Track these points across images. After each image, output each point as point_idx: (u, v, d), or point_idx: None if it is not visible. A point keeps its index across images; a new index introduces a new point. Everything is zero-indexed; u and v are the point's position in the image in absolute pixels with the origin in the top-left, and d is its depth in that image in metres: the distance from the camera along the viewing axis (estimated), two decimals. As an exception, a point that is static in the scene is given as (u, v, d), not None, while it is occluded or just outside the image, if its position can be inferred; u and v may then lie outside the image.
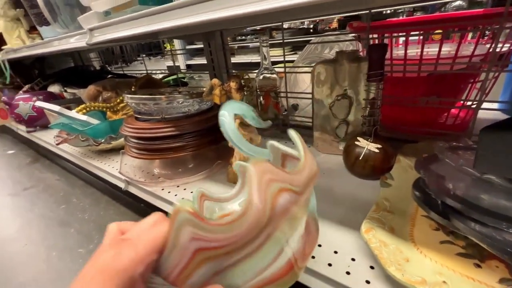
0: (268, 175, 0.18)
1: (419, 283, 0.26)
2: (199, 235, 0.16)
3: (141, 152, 0.56)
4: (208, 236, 0.16)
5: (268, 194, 0.17)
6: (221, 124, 0.28)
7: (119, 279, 0.15)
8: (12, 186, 1.00)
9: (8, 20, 0.88)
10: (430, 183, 0.33)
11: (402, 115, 0.60)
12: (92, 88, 0.86)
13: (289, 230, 0.20)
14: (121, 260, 0.15)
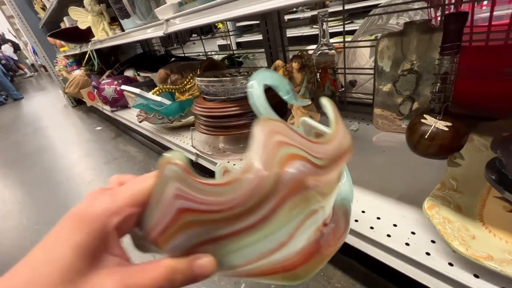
0: (279, 137, 0.15)
1: (484, 258, 0.27)
2: (186, 193, 0.14)
3: (209, 128, 0.64)
4: (196, 196, 0.14)
5: (276, 158, 0.14)
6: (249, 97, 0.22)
7: (88, 226, 0.13)
8: (105, 156, 1.23)
9: (94, 15, 1.02)
10: (509, 164, 0.32)
11: (481, 89, 0.54)
12: (162, 71, 0.97)
13: (304, 212, 0.16)
14: (95, 207, 0.14)
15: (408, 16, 0.69)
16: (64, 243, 0.13)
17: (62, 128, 1.85)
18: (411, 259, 0.32)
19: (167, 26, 0.58)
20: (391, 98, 0.55)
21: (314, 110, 0.51)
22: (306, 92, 0.49)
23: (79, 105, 2.32)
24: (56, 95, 3.06)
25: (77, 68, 1.84)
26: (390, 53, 0.52)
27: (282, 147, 0.14)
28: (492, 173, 0.33)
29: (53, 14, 1.57)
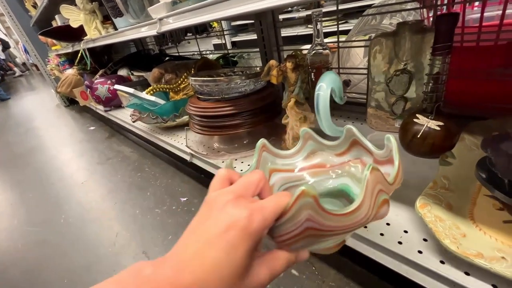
0: (379, 186, 0.22)
1: (474, 255, 0.28)
2: (314, 218, 0.19)
3: (204, 128, 0.63)
4: (320, 221, 0.20)
5: (376, 203, 0.22)
6: (316, 96, 0.28)
7: (252, 240, 0.18)
8: (98, 156, 1.21)
9: (87, 13, 1.01)
10: (498, 163, 0.32)
11: (472, 89, 0.55)
12: (156, 71, 0.96)
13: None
14: (254, 224, 0.18)
15: (401, 16, 0.70)
16: (239, 248, 0.17)
17: (54, 128, 1.82)
18: (404, 257, 0.32)
19: (160, 25, 0.58)
20: (384, 98, 0.56)
21: (309, 110, 0.51)
22: (300, 92, 0.49)
23: (72, 105, 2.29)
24: (48, 95, 3.01)
25: (69, 67, 1.81)
26: (383, 53, 0.52)
27: (380, 194, 0.22)
28: (483, 172, 0.34)
29: (45, 12, 1.54)
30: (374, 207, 0.22)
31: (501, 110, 0.51)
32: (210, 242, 0.17)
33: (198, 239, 0.18)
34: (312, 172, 0.37)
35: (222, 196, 0.20)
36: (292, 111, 0.49)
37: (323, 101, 0.27)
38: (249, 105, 0.58)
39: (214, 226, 0.18)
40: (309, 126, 0.52)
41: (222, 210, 0.19)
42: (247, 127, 0.60)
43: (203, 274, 0.17)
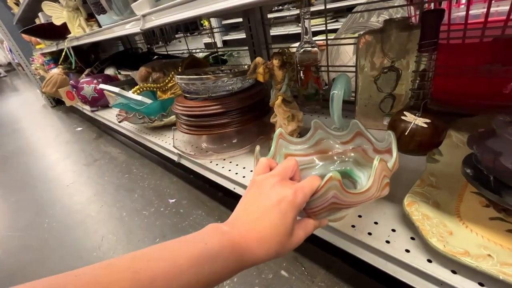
0: (384, 172, 0.30)
1: (461, 254, 0.27)
2: (338, 196, 0.26)
3: (191, 128, 0.62)
4: (342, 198, 0.27)
5: (381, 185, 0.30)
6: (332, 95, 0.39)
7: (296, 210, 0.25)
8: (85, 157, 1.18)
9: (70, 10, 0.98)
10: (484, 160, 0.32)
11: (459, 86, 0.56)
12: (143, 69, 0.94)
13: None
14: (298, 199, 0.25)
15: (388, 14, 0.70)
16: (288, 215, 0.24)
17: (40, 129, 1.77)
18: (391, 257, 0.32)
19: (144, 22, 0.56)
20: (372, 96, 0.56)
21: (297, 108, 0.51)
22: (287, 90, 0.48)
23: (59, 105, 2.23)
24: (34, 95, 2.92)
25: (54, 66, 1.76)
26: (370, 50, 0.52)
27: (384, 178, 0.30)
28: (469, 168, 0.34)
29: (28, 10, 1.49)
30: (380, 187, 0.29)
31: (486, 107, 0.51)
32: (267, 211, 0.24)
33: (256, 209, 0.25)
34: (320, 157, 0.45)
35: (269, 179, 0.27)
36: (279, 109, 0.48)
37: (337, 99, 0.39)
38: (237, 104, 0.57)
39: (268, 200, 0.25)
40: (298, 125, 0.51)
41: (273, 189, 0.26)
42: (236, 126, 0.59)
43: (265, 232, 0.24)
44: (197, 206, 0.72)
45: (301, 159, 0.44)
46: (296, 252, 0.53)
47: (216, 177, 0.60)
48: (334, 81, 0.48)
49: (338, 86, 0.36)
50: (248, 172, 0.55)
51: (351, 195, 0.27)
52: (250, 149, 0.61)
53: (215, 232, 0.24)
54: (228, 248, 0.22)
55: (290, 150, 0.44)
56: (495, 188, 0.29)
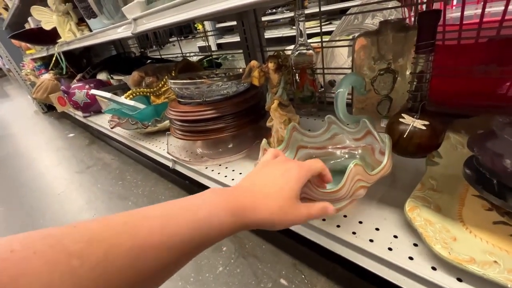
0: (358, 177, 0.31)
1: (467, 261, 0.26)
2: (307, 192, 0.30)
3: (185, 133, 0.60)
4: (310, 193, 0.30)
5: (354, 188, 0.31)
6: (336, 94, 0.38)
7: (300, 181, 0.27)
8: (77, 164, 1.15)
9: (60, 15, 0.95)
10: (485, 162, 0.31)
11: (455, 87, 0.55)
12: (136, 74, 0.92)
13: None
14: (302, 172, 0.27)
15: (382, 15, 0.70)
16: (293, 182, 0.26)
17: (31, 136, 1.73)
18: (395, 265, 0.31)
19: (135, 26, 0.54)
20: (369, 98, 0.55)
21: (293, 112, 0.50)
22: (283, 93, 0.47)
23: (50, 111, 2.19)
24: (25, 101, 2.87)
25: (45, 72, 1.73)
26: (367, 52, 0.51)
27: (358, 182, 0.32)
28: (470, 171, 0.33)
29: (17, 14, 1.46)
30: (351, 191, 0.31)
31: (483, 107, 0.51)
32: (275, 177, 0.27)
33: (265, 177, 0.27)
34: (332, 151, 0.48)
35: (277, 159, 0.30)
36: (275, 113, 0.47)
37: (341, 97, 0.38)
38: (232, 108, 0.56)
39: (277, 170, 0.28)
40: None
41: (279, 163, 0.29)
42: (231, 131, 0.58)
43: (272, 193, 0.25)
44: (193, 213, 0.70)
45: (314, 152, 0.48)
46: (295, 259, 0.52)
47: (212, 183, 0.58)
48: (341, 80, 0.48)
49: (343, 84, 0.36)
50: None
51: (321, 193, 0.30)
52: (246, 153, 0.60)
53: (213, 193, 0.24)
54: (226, 208, 0.23)
55: (304, 142, 0.48)
56: (499, 192, 0.28)
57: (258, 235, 0.59)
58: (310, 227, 0.39)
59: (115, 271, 0.17)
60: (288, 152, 0.46)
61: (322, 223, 0.38)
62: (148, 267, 0.18)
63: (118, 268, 0.17)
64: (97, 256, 0.16)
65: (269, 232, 0.57)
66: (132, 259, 0.18)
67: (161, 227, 0.20)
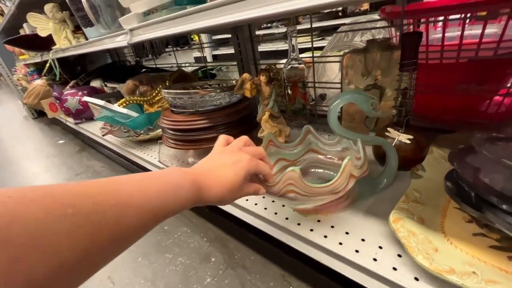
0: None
1: (447, 271, 0.27)
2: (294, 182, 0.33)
3: (177, 142, 0.61)
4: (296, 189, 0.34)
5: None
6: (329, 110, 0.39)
7: (247, 173, 0.30)
8: (66, 171, 1.13)
9: (56, 22, 0.96)
10: (464, 175, 0.33)
11: (438, 103, 0.58)
12: (130, 82, 0.93)
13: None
14: (251, 164, 0.31)
15: (371, 34, 0.73)
16: (241, 173, 0.30)
17: (20, 141, 1.69)
18: (379, 275, 0.31)
19: (131, 36, 0.56)
20: (357, 112, 0.57)
21: (284, 123, 0.51)
22: (274, 106, 0.48)
23: (41, 117, 2.16)
24: (15, 106, 2.82)
25: (38, 77, 1.71)
26: (355, 68, 0.54)
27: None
28: (451, 184, 0.34)
29: (12, 20, 1.46)
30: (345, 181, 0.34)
31: (464, 123, 0.53)
32: (226, 165, 0.30)
33: (218, 163, 0.31)
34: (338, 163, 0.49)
35: (231, 147, 0.33)
36: (267, 124, 0.49)
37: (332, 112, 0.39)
38: (225, 118, 0.57)
39: (229, 158, 0.31)
40: (285, 140, 0.51)
41: (233, 153, 0.32)
42: (223, 141, 0.58)
43: (221, 178, 0.29)
44: (183, 223, 0.70)
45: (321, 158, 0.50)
46: (284, 270, 0.52)
47: (203, 193, 0.58)
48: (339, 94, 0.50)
49: (337, 101, 0.38)
50: (235, 188, 0.54)
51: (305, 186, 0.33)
52: (237, 164, 0.60)
53: (178, 169, 0.27)
54: (189, 182, 0.26)
55: (317, 146, 0.50)
56: (476, 204, 0.30)
57: (247, 245, 0.58)
58: (298, 237, 0.40)
59: (104, 222, 0.18)
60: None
61: (309, 233, 0.39)
62: (130, 224, 0.20)
63: (107, 220, 0.19)
64: (87, 207, 0.18)
65: (259, 243, 0.57)
66: (117, 214, 0.19)
67: (139, 191, 0.22)
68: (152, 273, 0.57)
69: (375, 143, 0.45)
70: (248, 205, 0.48)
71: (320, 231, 0.39)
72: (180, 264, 0.58)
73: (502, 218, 0.27)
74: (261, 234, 0.46)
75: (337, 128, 0.40)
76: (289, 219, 0.43)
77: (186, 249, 0.61)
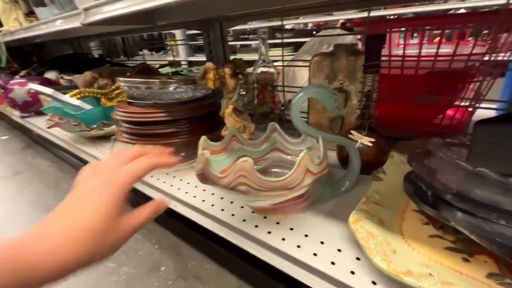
0: (307, 162, 0.32)
1: (404, 273, 0.26)
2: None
3: (133, 137, 0.55)
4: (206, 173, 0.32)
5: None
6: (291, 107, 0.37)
7: (127, 186, 0.22)
8: (2, 170, 0.99)
9: (6, 2, 0.87)
10: (422, 175, 0.33)
11: (399, 113, 0.60)
12: (88, 74, 0.85)
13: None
14: (122, 180, 0.22)
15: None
16: (116, 195, 0.22)
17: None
18: (336, 279, 0.29)
19: (86, 16, 0.50)
20: (324, 116, 0.57)
21: (248, 120, 0.48)
22: (239, 100, 0.46)
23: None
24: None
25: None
26: (322, 72, 0.54)
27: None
28: (409, 185, 0.34)
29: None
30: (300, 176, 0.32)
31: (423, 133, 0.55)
32: (82, 200, 0.22)
33: (71, 200, 0.23)
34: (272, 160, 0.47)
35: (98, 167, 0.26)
36: (230, 118, 0.46)
37: (296, 106, 0.37)
38: (186, 113, 0.53)
39: (80, 197, 0.23)
40: (249, 138, 0.48)
41: (98, 175, 0.24)
42: (184, 137, 0.54)
43: (73, 225, 0.20)
44: (133, 228, 0.63)
45: (285, 157, 0.47)
46: (241, 279, 0.47)
47: (156, 193, 0.53)
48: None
49: (301, 94, 0.35)
50: (192, 188, 0.49)
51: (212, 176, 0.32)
52: (198, 163, 0.56)
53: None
54: (8, 264, 0.17)
55: (283, 146, 0.47)
56: (433, 203, 0.29)
57: (204, 253, 0.53)
58: (254, 240, 0.37)
59: None
60: (225, 156, 0.44)
61: (267, 236, 0.36)
62: None
63: None
64: None
65: (215, 250, 0.52)
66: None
67: None
68: (88, 285, 0.49)
69: (338, 143, 0.44)
70: (203, 206, 0.44)
71: (278, 233, 0.36)
72: (124, 274, 0.51)
73: (457, 215, 0.26)
74: (220, 240, 0.42)
75: (299, 123, 0.38)
76: (247, 221, 0.39)
77: (134, 258, 0.54)
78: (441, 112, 0.60)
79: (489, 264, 0.28)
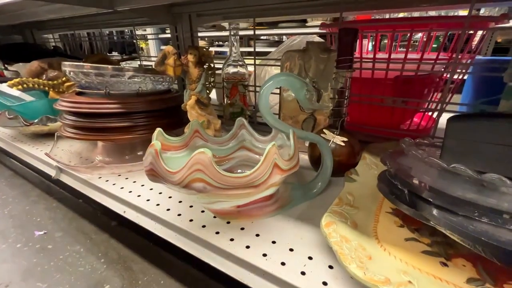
0: (275, 155, 0.28)
1: (382, 282, 0.22)
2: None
3: (78, 131, 0.47)
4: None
5: (268, 171, 0.28)
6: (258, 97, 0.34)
7: None
8: None
9: None
10: (397, 173, 0.30)
11: (369, 116, 0.59)
12: (36, 63, 0.75)
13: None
14: None
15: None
16: None
17: None
18: (306, 292, 0.25)
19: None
20: (295, 116, 0.54)
21: (214, 115, 0.44)
22: (203, 91, 0.41)
23: None
24: None
25: None
26: (294, 69, 0.51)
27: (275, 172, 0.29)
28: (384, 184, 0.32)
29: None
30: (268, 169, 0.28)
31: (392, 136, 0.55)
32: None
33: None
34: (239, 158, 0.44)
35: None
36: (192, 111, 0.41)
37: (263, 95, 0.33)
38: (145, 106, 0.47)
39: None
40: (214, 134, 0.44)
41: None
42: (141, 133, 0.48)
43: None
44: (76, 240, 0.53)
45: (252, 156, 0.44)
46: (200, 296, 0.41)
47: (104, 198, 0.45)
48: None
49: (270, 82, 0.31)
50: (146, 190, 0.43)
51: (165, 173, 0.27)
52: (156, 164, 0.50)
53: None
54: None
55: (251, 144, 0.44)
56: (410, 202, 0.27)
57: (158, 266, 0.46)
58: (214, 249, 0.31)
59: None
60: (186, 153, 0.38)
61: (229, 244, 0.31)
62: None
63: None
64: None
65: (171, 263, 0.46)
66: None
67: None
68: (5, 313, 0.39)
69: (310, 140, 0.41)
70: (157, 211, 0.38)
71: (242, 240, 0.31)
72: (56, 297, 0.42)
73: (435, 214, 0.24)
74: (176, 250, 0.36)
75: (268, 115, 0.35)
76: (207, 227, 0.34)
77: (72, 275, 0.45)
78: (409, 117, 0.60)
79: (468, 268, 0.25)
